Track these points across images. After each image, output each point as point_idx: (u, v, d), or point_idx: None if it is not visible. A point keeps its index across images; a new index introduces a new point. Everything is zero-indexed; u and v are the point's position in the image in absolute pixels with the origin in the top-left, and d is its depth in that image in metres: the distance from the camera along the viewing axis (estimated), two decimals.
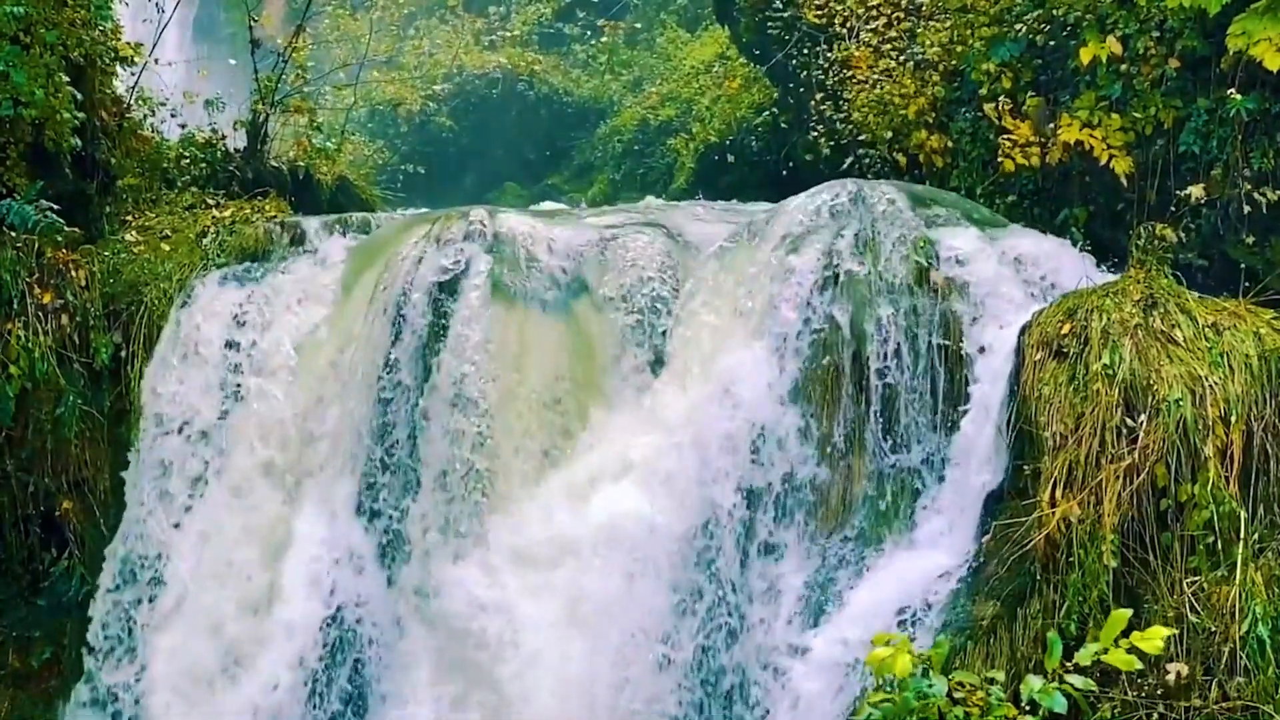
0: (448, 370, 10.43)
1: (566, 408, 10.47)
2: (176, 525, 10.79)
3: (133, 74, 13.14)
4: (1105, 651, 5.36)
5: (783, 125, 16.13)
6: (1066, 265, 10.15)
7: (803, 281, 10.01)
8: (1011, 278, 9.96)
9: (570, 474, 10.26)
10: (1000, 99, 11.39)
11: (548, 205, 17.17)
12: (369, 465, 10.61)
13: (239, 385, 10.98)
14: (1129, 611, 5.41)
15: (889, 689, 5.85)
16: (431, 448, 10.39)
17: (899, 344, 9.73)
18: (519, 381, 10.45)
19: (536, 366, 10.52)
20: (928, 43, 12.74)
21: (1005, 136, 11.25)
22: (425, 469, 10.40)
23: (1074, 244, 10.63)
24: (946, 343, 9.71)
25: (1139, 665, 5.40)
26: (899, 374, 9.74)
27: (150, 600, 10.72)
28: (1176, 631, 8.14)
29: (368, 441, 10.62)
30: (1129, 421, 8.61)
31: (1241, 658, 8.11)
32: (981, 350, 9.61)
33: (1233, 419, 8.50)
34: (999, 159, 11.30)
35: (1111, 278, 9.71)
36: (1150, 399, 8.59)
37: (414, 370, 10.60)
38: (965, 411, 9.53)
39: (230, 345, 11.10)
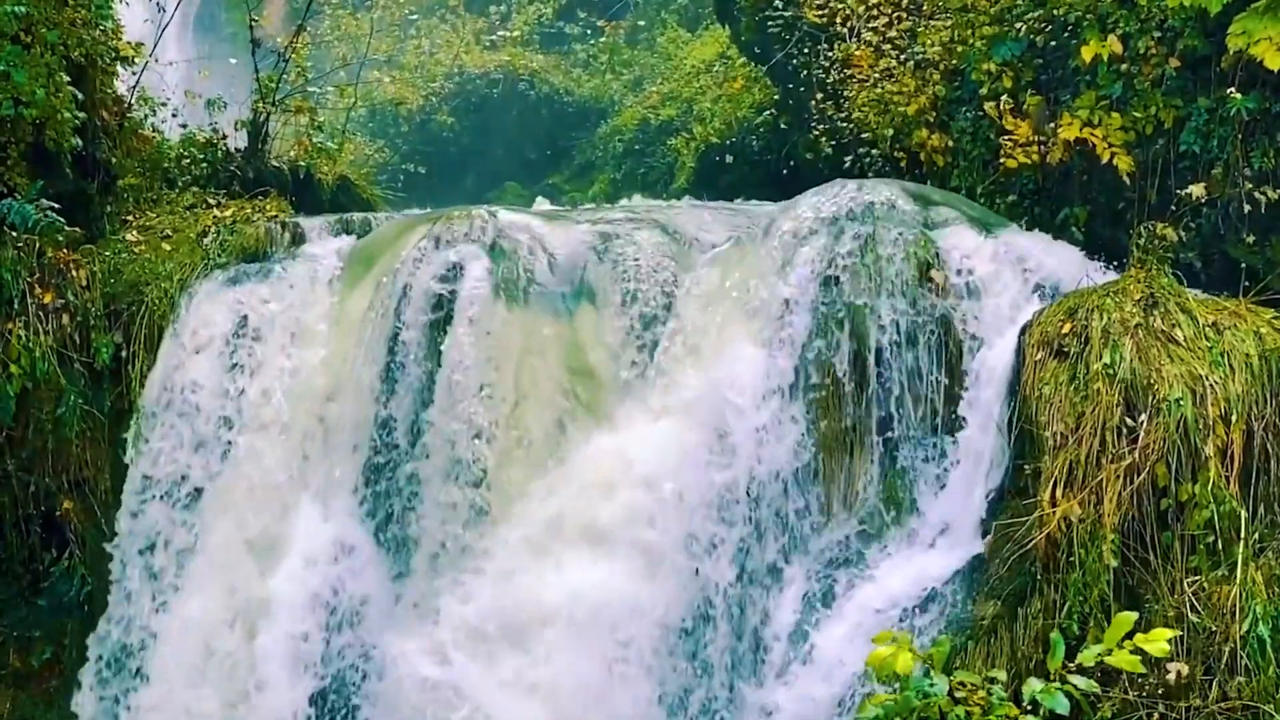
0: (440, 429, 10.14)
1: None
2: (162, 606, 10.53)
3: (134, 73, 13.14)
4: (1109, 653, 5.36)
5: (783, 125, 16.14)
6: (1065, 264, 10.13)
7: (799, 320, 9.88)
8: (1011, 277, 9.94)
9: (530, 524, 9.87)
10: (1001, 98, 11.38)
11: (545, 205, 17.15)
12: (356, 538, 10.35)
13: (229, 443, 10.71)
14: (1134, 615, 5.40)
15: (890, 689, 5.85)
16: (425, 523, 10.13)
17: (900, 346, 9.72)
18: (518, 440, 10.12)
19: (536, 416, 10.21)
20: (929, 42, 12.74)
21: (1007, 137, 11.25)
22: (418, 549, 10.15)
23: (1075, 243, 10.62)
24: (947, 341, 9.71)
25: (1142, 668, 5.40)
26: (899, 376, 9.73)
27: (135, 691, 10.45)
28: (1178, 633, 8.13)
29: (358, 515, 10.40)
30: (1129, 421, 8.62)
31: (1242, 657, 8.11)
32: (982, 349, 9.61)
33: (1233, 418, 8.51)
34: (1001, 159, 11.30)
35: (1112, 277, 9.71)
36: (1151, 398, 8.59)
37: (408, 428, 10.35)
38: (966, 412, 9.52)
39: (220, 394, 10.84)
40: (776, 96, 16.48)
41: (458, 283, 10.52)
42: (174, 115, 14.30)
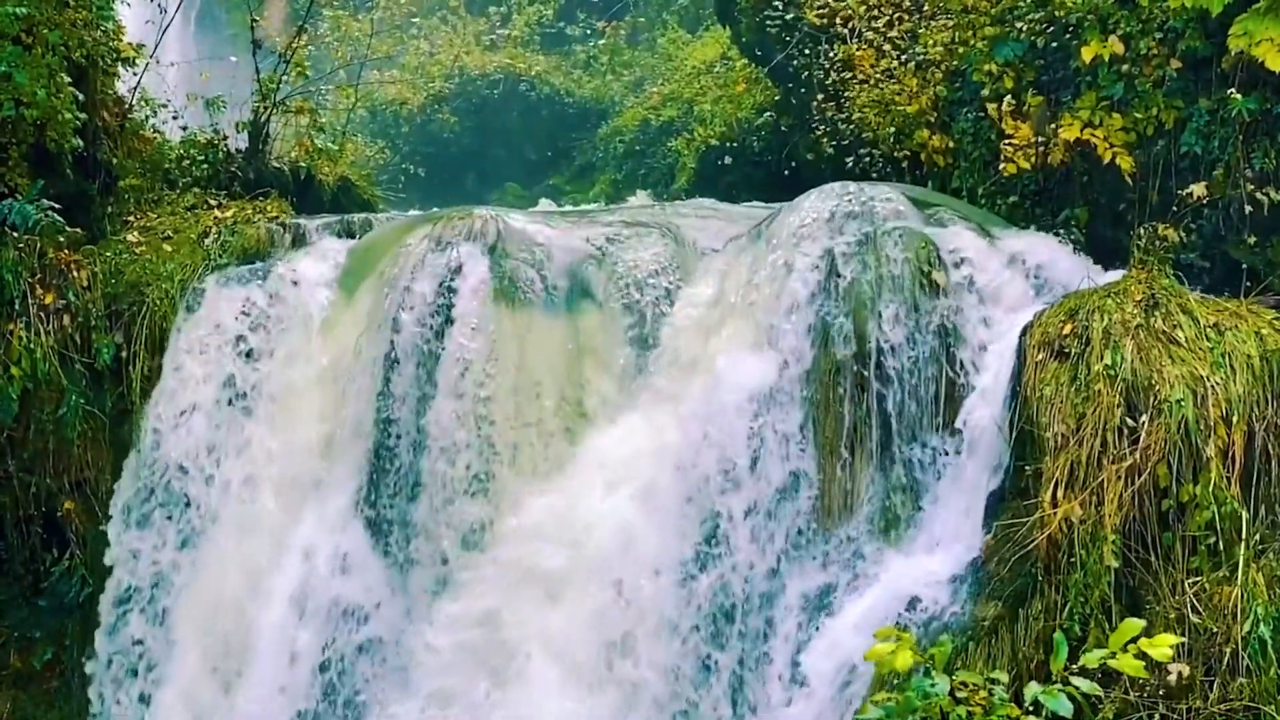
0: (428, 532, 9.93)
1: None
2: None
3: (135, 74, 13.14)
4: (1113, 656, 5.35)
5: (784, 126, 16.13)
6: (1066, 265, 10.13)
7: (799, 332, 9.82)
8: (1012, 278, 9.94)
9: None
10: (1003, 99, 11.37)
11: (550, 207, 17.16)
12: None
13: (208, 540, 10.51)
14: (1140, 622, 5.39)
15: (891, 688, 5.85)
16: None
17: (901, 348, 9.71)
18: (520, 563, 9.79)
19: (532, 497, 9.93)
20: (930, 42, 12.73)
21: (1007, 142, 11.23)
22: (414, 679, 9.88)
23: (1076, 244, 10.60)
24: (948, 343, 9.70)
25: (1146, 673, 5.39)
26: (901, 376, 9.72)
27: None
28: (1181, 638, 8.12)
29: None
30: (1130, 422, 8.61)
31: (1243, 658, 8.11)
32: (983, 351, 9.60)
33: (1234, 419, 8.50)
34: (1001, 163, 11.28)
35: (1113, 277, 9.70)
36: (1152, 399, 8.59)
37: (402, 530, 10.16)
38: (966, 414, 9.52)
39: (203, 480, 10.63)
40: (777, 97, 16.47)
41: (445, 340, 10.38)
42: (175, 117, 14.30)
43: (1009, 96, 11.39)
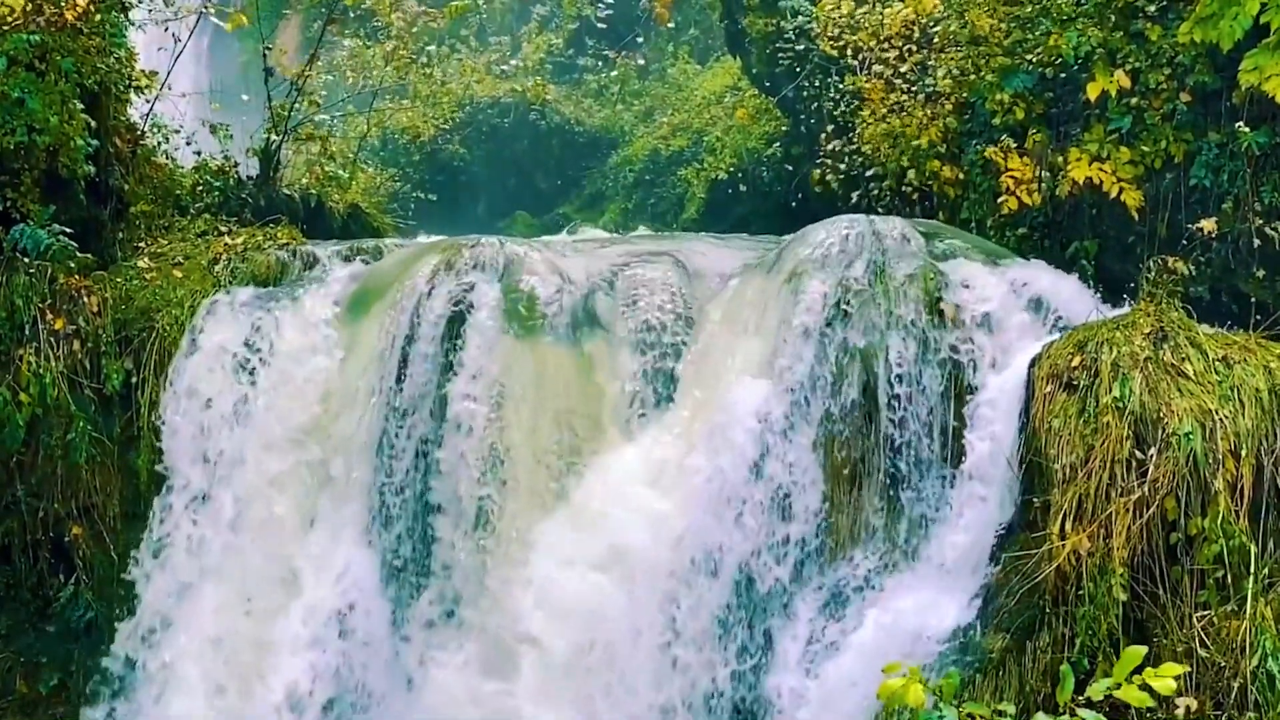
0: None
1: None
2: None
3: (147, 101, 13.19)
4: (1118, 687, 5.34)
5: (794, 156, 16.19)
6: (1074, 297, 10.13)
7: (806, 366, 9.82)
8: (1020, 310, 9.95)
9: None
10: (1002, 140, 11.39)
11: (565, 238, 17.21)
12: None
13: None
14: (1143, 649, 5.38)
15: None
16: None
17: (909, 378, 9.71)
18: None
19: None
20: (940, 74, 12.76)
21: (1008, 174, 11.24)
22: None
23: (1084, 277, 10.61)
24: (956, 374, 9.70)
25: (1151, 702, 5.37)
26: (909, 407, 9.72)
27: None
28: (1187, 669, 8.09)
29: None
30: (1139, 454, 8.59)
31: (1252, 692, 8.07)
32: (991, 382, 9.59)
33: (1243, 453, 8.48)
34: (1002, 198, 11.30)
35: (1122, 310, 9.70)
36: (1160, 432, 8.57)
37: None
38: (975, 444, 9.50)
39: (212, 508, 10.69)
40: (787, 128, 16.53)
41: (455, 367, 10.34)
42: (187, 143, 14.35)
43: (1018, 127, 11.42)
